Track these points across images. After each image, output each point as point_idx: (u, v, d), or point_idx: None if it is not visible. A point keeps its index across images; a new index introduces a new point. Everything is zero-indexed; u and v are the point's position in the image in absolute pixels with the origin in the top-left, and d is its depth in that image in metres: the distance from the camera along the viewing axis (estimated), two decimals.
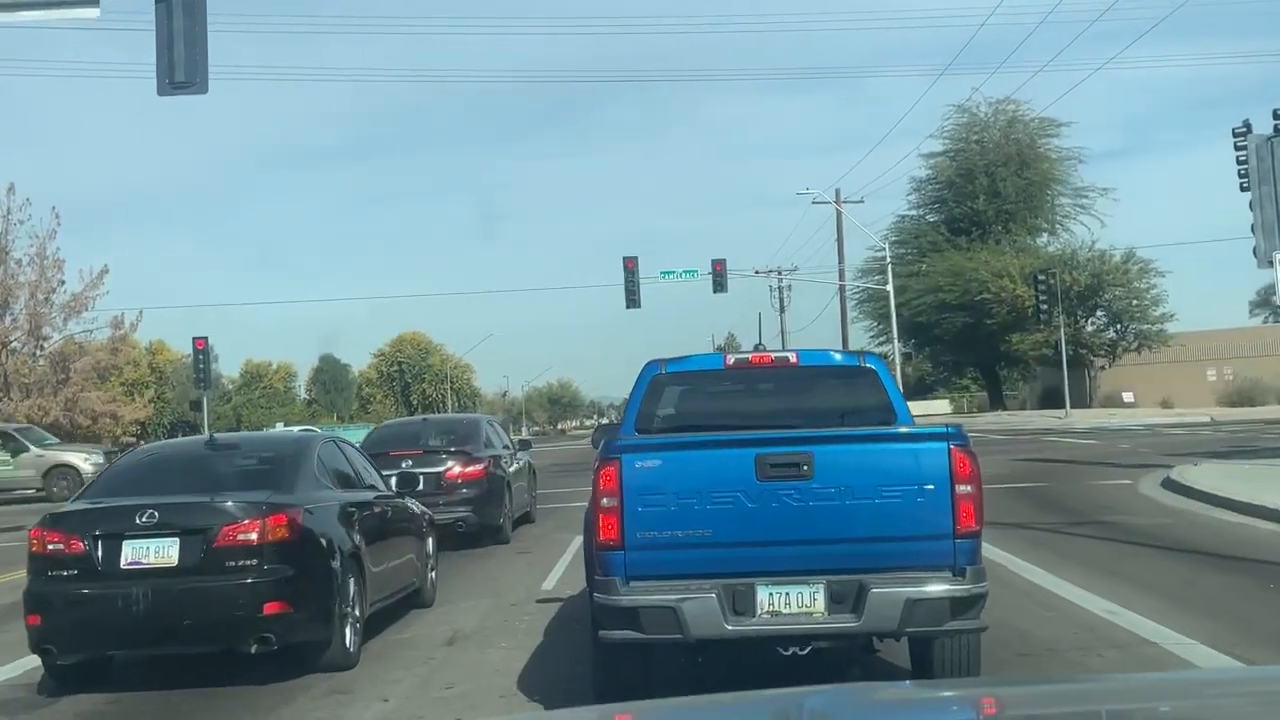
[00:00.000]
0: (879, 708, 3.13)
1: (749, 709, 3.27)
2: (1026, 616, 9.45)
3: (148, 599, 7.98)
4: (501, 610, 11.08)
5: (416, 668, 8.88)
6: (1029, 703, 3.11)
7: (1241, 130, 33.81)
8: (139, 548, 8.09)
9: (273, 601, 8.12)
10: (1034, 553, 12.61)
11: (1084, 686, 3.73)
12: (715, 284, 48.59)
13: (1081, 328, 57.14)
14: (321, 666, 8.65)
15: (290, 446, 9.63)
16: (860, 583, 6.52)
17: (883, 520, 6.55)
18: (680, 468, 6.69)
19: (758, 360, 8.51)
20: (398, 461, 15.67)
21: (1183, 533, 14.38)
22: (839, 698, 3.32)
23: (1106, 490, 19.63)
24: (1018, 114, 60.62)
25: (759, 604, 6.57)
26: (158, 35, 16.31)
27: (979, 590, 6.59)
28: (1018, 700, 3.14)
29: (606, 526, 6.64)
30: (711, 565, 6.62)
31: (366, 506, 9.94)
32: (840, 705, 3.15)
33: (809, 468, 6.56)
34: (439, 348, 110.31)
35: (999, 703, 3.14)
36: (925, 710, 3.17)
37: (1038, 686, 3.86)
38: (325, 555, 8.69)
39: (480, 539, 16.03)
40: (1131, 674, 6.88)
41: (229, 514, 8.19)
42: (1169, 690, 3.25)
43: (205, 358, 48.08)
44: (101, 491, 8.93)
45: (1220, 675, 5.31)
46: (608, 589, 6.68)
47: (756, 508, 6.58)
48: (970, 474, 6.55)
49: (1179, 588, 10.69)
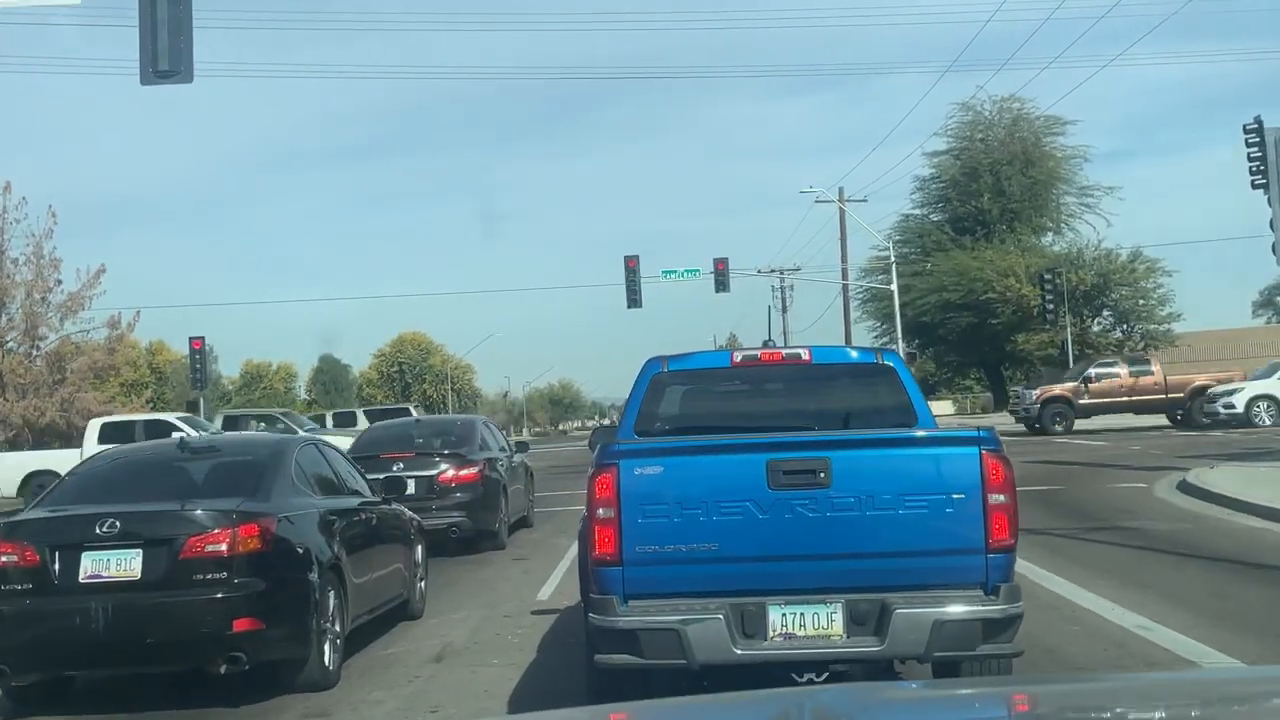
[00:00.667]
0: (883, 707, 3.05)
1: (750, 709, 3.17)
2: (1053, 632, 8.85)
3: (108, 615, 7.38)
4: (494, 623, 10.50)
5: (401, 687, 8.30)
6: (1033, 702, 3.02)
7: (1253, 126, 33.30)
8: (99, 560, 7.50)
9: (243, 617, 7.52)
10: (1054, 561, 12.02)
11: (1089, 686, 3.59)
12: (717, 283, 48.01)
13: (1088, 327, 56.54)
14: (298, 687, 8.07)
15: (266, 450, 9.02)
16: (883, 602, 5.91)
17: (907, 533, 5.94)
18: (684, 474, 6.09)
19: (767, 357, 7.79)
20: (389, 464, 15.11)
21: (1205, 539, 13.83)
22: (841, 697, 3.23)
23: (1121, 494, 19.05)
24: (1023, 112, 60.03)
25: (771, 625, 5.97)
26: (140, 22, 15.77)
27: (1014, 611, 5.98)
28: (1023, 700, 3.06)
29: (602, 540, 6.04)
30: (718, 583, 6.01)
31: (349, 513, 9.34)
32: (843, 705, 3.06)
33: (826, 475, 5.96)
34: (440, 348, 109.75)
35: (1003, 703, 3.07)
36: (931, 710, 3.10)
37: (1043, 686, 3.71)
38: (302, 567, 8.10)
39: (475, 545, 15.45)
40: (1139, 674, 6.71)
41: (196, 523, 7.58)
42: (1169, 690, 3.18)
43: (202, 357, 47.48)
44: (62, 498, 8.33)
45: (1221, 675, 5.23)
46: (604, 609, 6.07)
47: (768, 519, 5.97)
48: (1004, 481, 5.95)
49: (1211, 600, 10.11)
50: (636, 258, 46.33)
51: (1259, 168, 32.25)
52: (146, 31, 15.63)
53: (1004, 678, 5.81)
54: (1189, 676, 5.30)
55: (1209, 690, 3.15)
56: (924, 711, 3.10)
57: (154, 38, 15.64)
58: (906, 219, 64.58)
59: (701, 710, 3.31)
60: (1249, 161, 32.78)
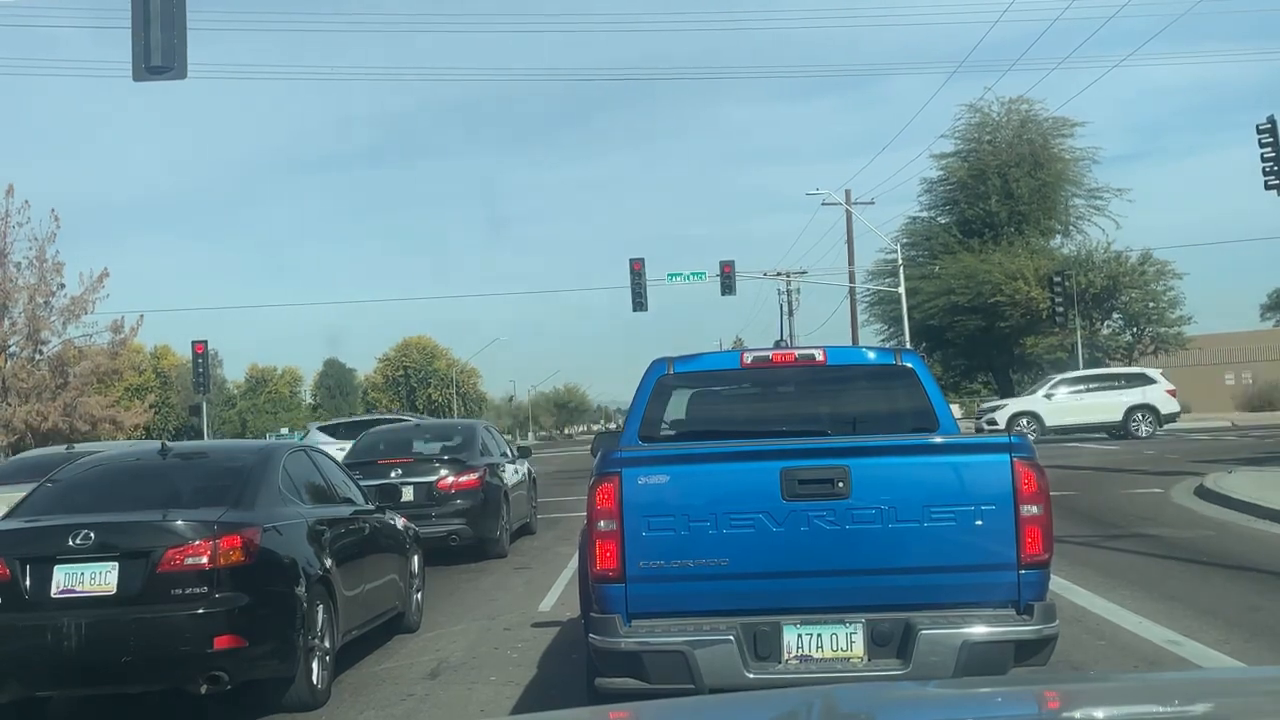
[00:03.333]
0: (892, 706, 2.98)
1: (753, 708, 3.09)
2: (1080, 648, 8.41)
3: (81, 632, 6.94)
4: (493, 635, 10.08)
5: (393, 706, 7.88)
6: (1039, 702, 2.98)
7: (1266, 126, 32.83)
8: (72, 573, 7.07)
9: (225, 634, 7.09)
10: (1075, 571, 11.56)
11: (1095, 686, 3.52)
12: (724, 286, 47.63)
13: (1097, 330, 56.04)
14: (284, 706, 7.65)
15: (252, 457, 8.58)
16: (907, 621, 5.47)
17: (933, 547, 5.50)
18: (691, 484, 5.65)
19: (779, 358, 7.32)
20: (385, 470, 14.68)
21: (1230, 546, 13.40)
22: (850, 696, 3.16)
23: (1139, 500, 18.61)
24: (1031, 114, 59.49)
25: (786, 647, 5.52)
26: (133, 17, 15.39)
27: (1049, 631, 5.53)
28: (1030, 699, 3.04)
29: (604, 554, 5.60)
30: (729, 601, 5.58)
31: (340, 523, 8.91)
32: (852, 704, 2.96)
33: (845, 484, 5.52)
34: (445, 352, 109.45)
35: (1010, 702, 3.02)
36: (940, 709, 3.05)
37: (1048, 686, 3.59)
38: (288, 580, 7.67)
39: (476, 553, 15.02)
40: (1144, 673, 6.59)
41: (175, 534, 7.15)
42: (1171, 690, 3.13)
43: (204, 361, 47.08)
44: (35, 508, 7.90)
45: (1221, 675, 5.18)
46: (605, 628, 5.63)
47: (782, 532, 5.53)
48: (1037, 491, 5.51)
49: (1242, 613, 9.65)
50: (642, 261, 45.91)
51: (1273, 167, 31.83)
52: (139, 26, 15.27)
53: (1012, 677, 5.44)
54: (1189, 676, 5.20)
55: (1209, 690, 3.11)
56: (934, 710, 3.04)
57: (146, 33, 15.27)
58: (914, 221, 64.12)
59: (706, 709, 3.21)
60: (1262, 162, 32.38)
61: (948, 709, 3.03)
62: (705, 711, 3.18)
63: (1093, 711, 2.77)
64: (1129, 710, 2.83)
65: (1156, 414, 35.70)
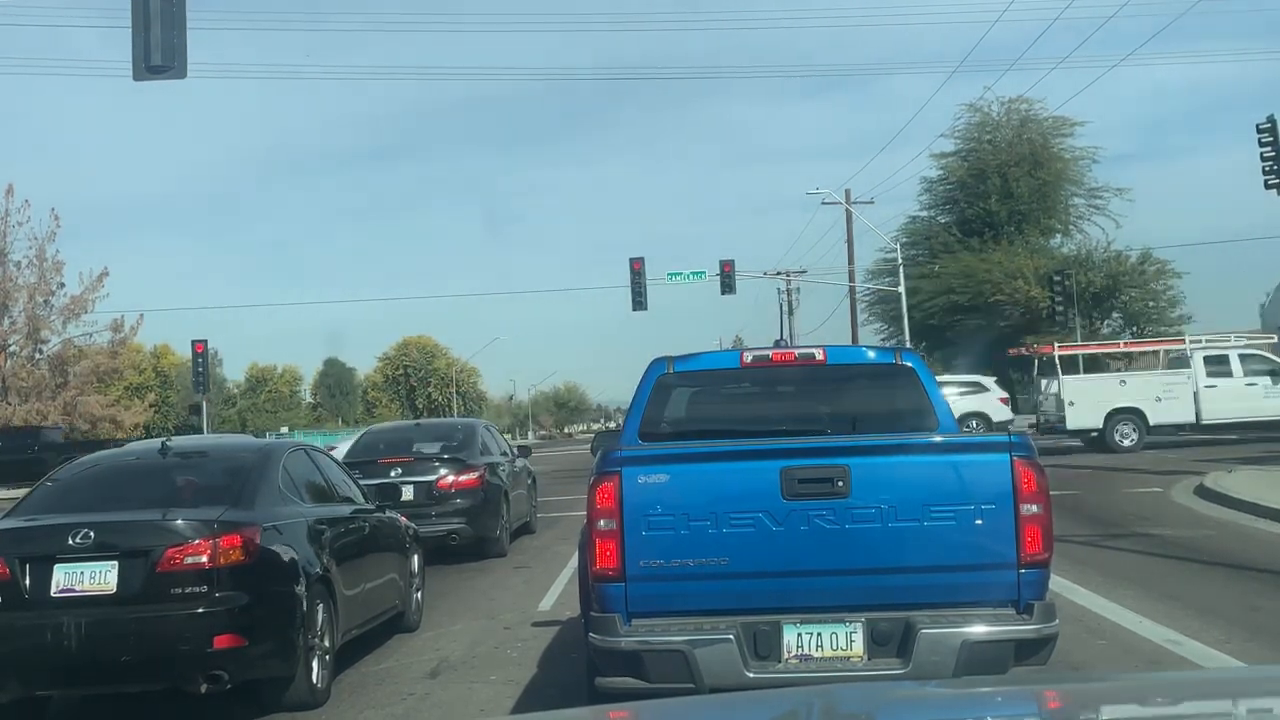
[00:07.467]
0: (893, 706, 2.98)
1: (753, 708, 3.09)
2: (1080, 647, 8.40)
3: (81, 631, 6.93)
4: (493, 634, 10.08)
5: (393, 705, 7.88)
6: (1039, 702, 2.98)
7: (1266, 125, 32.81)
8: (72, 573, 7.06)
9: (224, 633, 7.08)
10: (1075, 570, 11.56)
11: (1095, 686, 3.52)
12: (724, 285, 47.56)
13: (1098, 330, 56.05)
14: (284, 706, 7.65)
15: (251, 456, 8.58)
16: (907, 621, 5.47)
17: (933, 546, 5.50)
18: (691, 483, 5.64)
19: (779, 358, 7.33)
20: (386, 470, 14.67)
21: (1230, 546, 13.40)
22: (850, 696, 3.17)
23: (1139, 499, 18.62)
24: (1030, 113, 59.52)
25: (786, 646, 5.52)
26: (134, 15, 15.36)
27: (1049, 630, 5.53)
28: (1030, 699, 3.04)
29: (604, 553, 5.59)
30: (729, 600, 5.58)
31: (340, 522, 8.91)
32: (851, 704, 2.97)
33: (845, 483, 5.51)
34: (445, 351, 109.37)
35: (1010, 702, 3.03)
36: (940, 708, 3.05)
37: (1048, 686, 3.59)
38: (288, 579, 7.66)
39: (475, 553, 15.02)
40: (1144, 673, 6.62)
41: (175, 533, 7.14)
42: (1171, 690, 3.14)
43: (204, 361, 46.99)
44: (34, 508, 7.89)
45: (1221, 675, 5.17)
46: (605, 628, 5.62)
47: (782, 531, 5.53)
48: (1037, 490, 5.51)
49: (1242, 613, 9.65)
50: (642, 260, 45.85)
51: (1273, 167, 31.81)
52: (139, 25, 15.23)
53: (1012, 677, 5.45)
54: (1189, 676, 5.19)
55: (1209, 690, 3.12)
56: (934, 710, 3.04)
57: (147, 31, 15.25)
58: (914, 221, 64.11)
59: (706, 709, 3.20)
60: (1262, 161, 32.36)
61: (948, 709, 3.03)
62: (705, 711, 3.18)
63: (1093, 712, 2.76)
64: (1129, 710, 2.82)
65: (989, 421, 35.50)
